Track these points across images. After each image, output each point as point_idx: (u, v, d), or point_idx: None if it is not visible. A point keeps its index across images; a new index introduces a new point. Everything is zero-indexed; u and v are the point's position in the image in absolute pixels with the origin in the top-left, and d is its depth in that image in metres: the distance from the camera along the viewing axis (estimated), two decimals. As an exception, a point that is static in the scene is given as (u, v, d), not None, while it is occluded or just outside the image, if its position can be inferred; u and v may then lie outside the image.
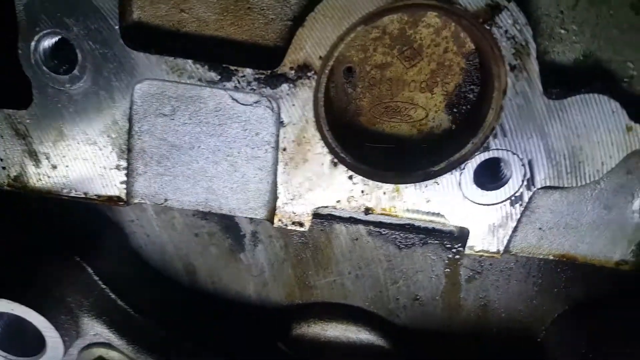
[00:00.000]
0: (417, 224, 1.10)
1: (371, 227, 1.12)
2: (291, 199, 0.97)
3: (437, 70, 0.93)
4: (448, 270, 1.18)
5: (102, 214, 1.14)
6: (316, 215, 1.07)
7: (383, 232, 1.12)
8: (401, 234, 1.12)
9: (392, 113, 0.97)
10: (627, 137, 0.88)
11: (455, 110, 0.96)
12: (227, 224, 1.15)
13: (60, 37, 0.86)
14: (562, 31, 0.84)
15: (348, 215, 1.10)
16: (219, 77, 0.86)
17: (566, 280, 1.17)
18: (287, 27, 0.85)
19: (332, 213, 1.10)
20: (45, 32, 0.85)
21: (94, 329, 1.07)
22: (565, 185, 0.93)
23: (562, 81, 0.86)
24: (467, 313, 1.24)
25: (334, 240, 1.15)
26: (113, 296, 1.10)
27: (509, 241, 1.00)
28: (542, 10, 0.82)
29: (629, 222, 0.98)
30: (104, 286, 1.08)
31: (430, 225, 1.10)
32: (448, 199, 0.95)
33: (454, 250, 1.14)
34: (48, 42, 0.87)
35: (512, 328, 1.25)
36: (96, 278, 1.07)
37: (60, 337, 0.99)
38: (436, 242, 1.12)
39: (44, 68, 0.88)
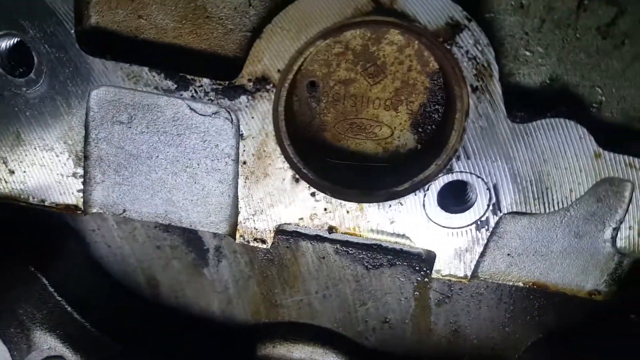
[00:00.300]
0: (384, 244, 1.07)
1: (338, 246, 1.09)
2: (253, 215, 0.95)
3: (402, 88, 0.91)
4: (417, 293, 1.14)
5: (62, 222, 1.12)
6: (281, 231, 1.05)
7: (350, 252, 1.10)
8: (369, 254, 1.09)
9: (357, 130, 0.95)
10: (596, 164, 0.85)
11: (420, 129, 0.94)
12: (190, 237, 1.12)
13: (17, 39, 0.85)
14: (528, 53, 0.82)
15: (314, 233, 1.07)
16: (176, 85, 0.84)
17: (539, 307, 1.14)
18: (247, 38, 0.83)
19: (298, 230, 1.07)
20: (0, 33, 0.83)
21: (47, 343, 1.03)
22: (533, 212, 0.90)
23: (528, 104, 0.84)
24: (437, 338, 1.20)
25: (300, 258, 1.12)
26: (69, 309, 1.06)
27: (477, 266, 0.97)
28: (506, 31, 0.80)
29: (601, 251, 0.95)
30: (59, 298, 1.05)
31: (397, 246, 1.07)
32: (413, 220, 0.93)
33: (422, 272, 1.11)
34: (5, 44, 0.86)
35: (484, 355, 1.21)
36: (51, 289, 1.04)
37: (9, 351, 0.96)
38: (404, 263, 1.09)
39: (0, 70, 0.86)
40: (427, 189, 0.89)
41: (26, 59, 0.86)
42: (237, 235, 0.96)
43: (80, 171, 0.94)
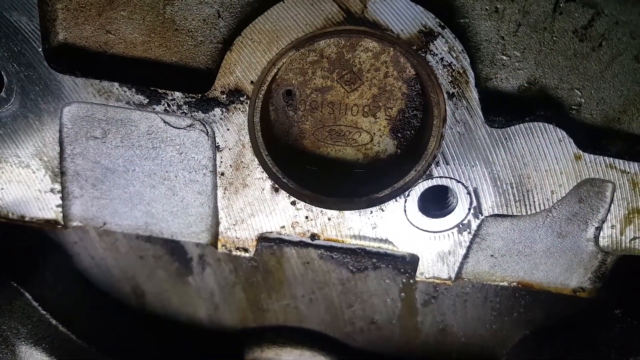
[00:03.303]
0: (368, 248, 1.07)
1: (322, 251, 1.08)
2: (234, 224, 0.94)
3: (379, 94, 0.89)
4: (403, 294, 1.14)
5: (43, 235, 1.10)
6: (264, 238, 1.04)
7: (335, 256, 1.09)
8: (353, 258, 1.09)
9: (336, 136, 0.94)
10: (577, 166, 0.85)
11: (400, 135, 0.93)
12: (173, 247, 1.11)
13: (-15, 58, 0.83)
14: (504, 57, 0.80)
15: (298, 239, 1.07)
16: (147, 100, 0.82)
17: (525, 305, 1.14)
18: (218, 49, 0.81)
19: (281, 237, 1.06)
20: (-33, 53, 0.82)
21: (33, 357, 1.03)
22: (515, 214, 0.89)
23: (507, 108, 0.83)
24: (425, 337, 1.20)
25: (285, 264, 1.11)
26: (54, 322, 1.06)
27: (460, 268, 0.97)
28: (482, 36, 0.79)
29: (584, 250, 0.94)
30: (43, 312, 1.04)
31: (382, 250, 1.06)
32: (394, 225, 0.92)
33: (407, 274, 1.11)
34: (-27, 63, 0.84)
35: (472, 352, 1.22)
36: (35, 304, 1.04)
37: (-7, 368, 0.96)
38: (389, 266, 1.09)
39: (-30, 90, 0.84)
40: (408, 195, 0.89)
41: (-4, 78, 0.84)
42: (219, 245, 0.96)
43: (57, 187, 0.93)
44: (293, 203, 0.91)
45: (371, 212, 0.91)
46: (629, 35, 0.78)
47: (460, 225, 0.91)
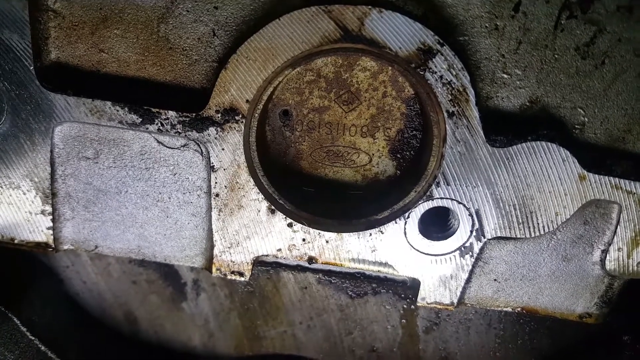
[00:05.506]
0: (368, 272, 1.04)
1: (320, 275, 1.05)
2: (229, 247, 0.91)
3: (378, 114, 0.88)
4: (404, 320, 1.11)
5: (34, 258, 1.08)
6: (261, 262, 1.01)
7: (333, 281, 1.06)
8: (352, 283, 1.06)
9: (334, 157, 0.92)
10: (581, 187, 0.82)
11: (399, 155, 0.91)
12: (167, 271, 1.08)
13: (-25, 77, 0.82)
14: (505, 76, 0.79)
15: (295, 263, 1.04)
16: (141, 119, 0.81)
17: (530, 332, 1.11)
18: (213, 68, 0.80)
19: (278, 260, 1.03)
20: (-43, 71, 0.80)
21: (20, 384, 0.99)
22: (518, 236, 0.87)
23: (508, 128, 0.81)
24: (427, 366, 1.16)
25: (282, 289, 1.08)
26: (43, 348, 1.02)
27: (463, 293, 0.94)
28: (482, 54, 0.77)
29: (590, 274, 0.91)
30: (32, 337, 1.01)
31: (381, 274, 1.03)
32: (395, 248, 0.90)
33: (408, 300, 1.07)
34: (-36, 82, 0.82)
35: (476, 381, 1.18)
36: (23, 329, 1.00)
37: (-23, 397, 0.92)
38: (390, 291, 1.06)
39: (-40, 109, 0.83)
40: (408, 217, 0.86)
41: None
42: (214, 269, 0.93)
43: (48, 208, 0.91)
44: (290, 225, 0.89)
45: (370, 234, 0.89)
46: (632, 52, 0.76)
47: (462, 248, 0.88)
